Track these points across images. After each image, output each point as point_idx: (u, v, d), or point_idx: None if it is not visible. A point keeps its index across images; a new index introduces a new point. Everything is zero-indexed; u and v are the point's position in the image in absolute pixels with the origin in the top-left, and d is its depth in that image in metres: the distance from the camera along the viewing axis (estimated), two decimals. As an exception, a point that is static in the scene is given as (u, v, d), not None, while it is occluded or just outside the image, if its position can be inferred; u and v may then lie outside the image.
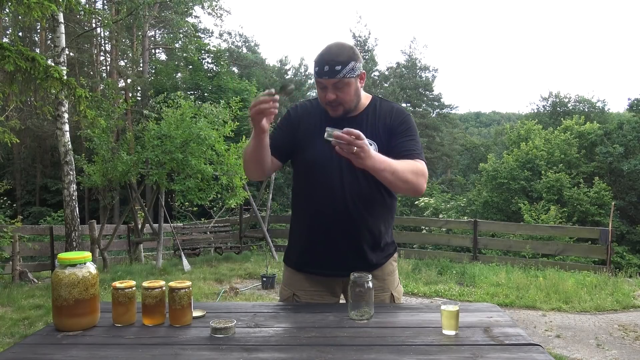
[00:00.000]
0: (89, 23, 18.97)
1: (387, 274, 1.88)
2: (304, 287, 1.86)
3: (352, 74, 1.67)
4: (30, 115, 17.94)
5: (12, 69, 5.29)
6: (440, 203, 19.65)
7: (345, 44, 1.70)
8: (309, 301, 1.84)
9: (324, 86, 1.68)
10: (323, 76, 1.66)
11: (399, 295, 1.92)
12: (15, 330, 4.81)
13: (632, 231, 17.11)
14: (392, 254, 1.91)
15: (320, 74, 1.66)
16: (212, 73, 22.73)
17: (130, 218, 10.63)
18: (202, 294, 6.43)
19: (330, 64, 1.64)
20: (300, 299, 1.86)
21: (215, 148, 8.56)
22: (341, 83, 1.66)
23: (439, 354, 1.29)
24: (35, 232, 10.24)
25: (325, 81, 1.67)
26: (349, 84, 1.68)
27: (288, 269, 1.94)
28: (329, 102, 1.70)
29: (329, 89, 1.68)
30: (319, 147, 1.73)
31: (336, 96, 1.68)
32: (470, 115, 61.82)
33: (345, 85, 1.67)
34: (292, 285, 1.88)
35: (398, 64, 34.04)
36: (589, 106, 26.91)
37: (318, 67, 1.67)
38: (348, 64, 1.65)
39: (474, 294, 6.77)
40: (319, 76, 1.68)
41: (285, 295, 1.90)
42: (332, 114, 1.74)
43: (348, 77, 1.66)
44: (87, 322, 1.48)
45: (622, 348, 4.57)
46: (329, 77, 1.65)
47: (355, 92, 1.72)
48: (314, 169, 1.79)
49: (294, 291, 1.87)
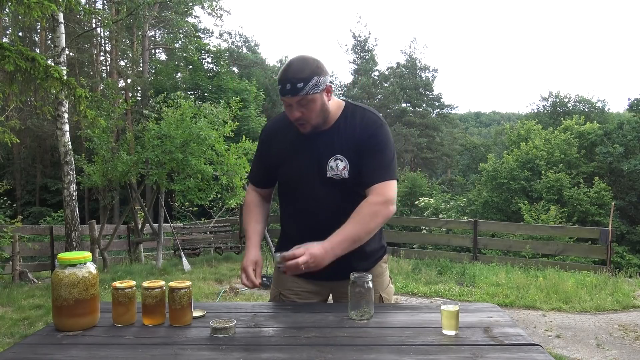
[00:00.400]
0: (89, 23, 18.98)
1: (375, 276, 1.87)
2: (290, 286, 1.87)
3: (316, 90, 1.61)
4: (30, 115, 17.95)
5: (12, 69, 5.29)
6: (440, 203, 19.66)
7: (308, 59, 1.65)
8: (295, 300, 1.85)
9: (289, 104, 1.65)
10: (286, 94, 1.62)
11: (388, 297, 1.92)
12: (15, 330, 4.81)
13: (632, 231, 17.11)
14: (380, 257, 1.91)
15: (283, 92, 1.63)
16: (212, 73, 22.73)
17: (130, 218, 10.63)
18: (202, 294, 6.43)
19: (292, 81, 1.60)
20: (287, 298, 1.87)
21: (215, 148, 8.56)
22: (305, 100, 1.62)
23: (439, 354, 1.29)
24: (35, 232, 10.25)
25: (288, 99, 1.63)
26: (314, 100, 1.63)
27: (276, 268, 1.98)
28: (295, 120, 1.68)
29: (293, 107, 1.64)
30: (294, 164, 1.76)
31: (301, 114, 1.64)
32: (470, 115, 61.87)
33: (310, 102, 1.62)
34: (279, 284, 1.90)
35: (398, 64, 34.09)
36: (589, 106, 26.92)
37: (280, 85, 1.63)
38: (310, 80, 1.60)
39: (474, 294, 6.77)
40: (282, 94, 1.64)
41: (273, 294, 1.93)
42: (302, 131, 1.71)
43: (312, 94, 1.61)
44: (87, 322, 1.48)
45: (622, 348, 4.57)
46: (292, 95, 1.61)
47: (321, 108, 1.66)
48: (289, 185, 1.82)
49: (280, 290, 1.89)
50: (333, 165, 1.71)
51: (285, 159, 1.79)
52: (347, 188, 1.71)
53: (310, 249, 1.55)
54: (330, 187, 1.72)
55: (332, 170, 1.71)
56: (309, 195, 1.76)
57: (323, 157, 1.71)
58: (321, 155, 1.72)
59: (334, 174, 1.71)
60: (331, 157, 1.71)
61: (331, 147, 1.71)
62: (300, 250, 1.52)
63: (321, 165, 1.71)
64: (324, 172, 1.71)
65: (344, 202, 1.71)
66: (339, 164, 1.71)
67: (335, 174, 1.71)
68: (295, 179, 1.78)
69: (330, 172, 1.71)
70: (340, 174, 1.71)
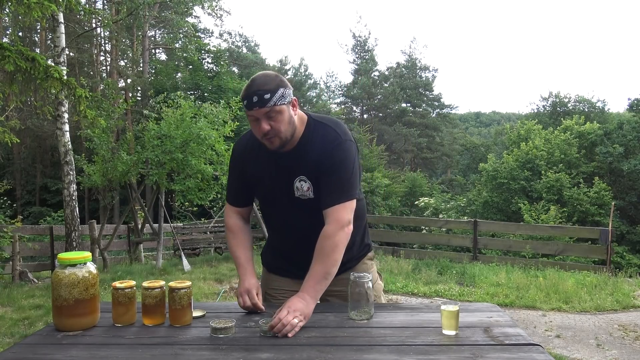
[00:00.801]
0: (89, 23, 18.97)
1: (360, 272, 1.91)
2: (275, 285, 1.92)
3: (283, 101, 1.61)
4: (30, 115, 17.94)
5: (12, 69, 5.29)
6: (440, 203, 19.66)
7: (270, 73, 1.67)
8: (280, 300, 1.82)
9: (257, 118, 1.62)
10: (253, 107, 1.60)
11: (376, 293, 1.92)
12: (15, 330, 4.81)
13: (632, 231, 17.10)
14: (363, 255, 1.94)
15: (250, 105, 1.61)
16: (212, 73, 22.73)
17: (130, 218, 10.63)
18: (202, 294, 6.43)
19: (258, 94, 1.59)
20: (273, 298, 1.90)
21: (215, 148, 8.56)
22: (273, 111, 1.60)
23: (439, 354, 1.29)
24: (35, 232, 10.25)
25: (256, 112, 1.61)
26: (282, 112, 1.62)
27: (263, 268, 2.04)
28: (264, 134, 1.64)
29: (261, 120, 1.62)
30: (266, 184, 1.80)
31: (270, 127, 1.62)
32: (470, 115, 61.87)
33: (278, 114, 1.61)
34: (265, 284, 1.96)
35: (398, 64, 34.10)
36: (589, 106, 26.92)
37: (247, 100, 1.61)
38: (277, 91, 1.60)
39: (474, 294, 6.77)
40: (248, 108, 1.62)
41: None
42: (270, 146, 1.68)
43: (279, 105, 1.60)
44: (87, 322, 1.48)
45: (622, 348, 4.57)
46: (260, 107, 1.59)
47: (289, 121, 1.66)
48: (265, 204, 1.90)
49: (266, 289, 1.93)
50: (298, 185, 1.73)
51: (259, 179, 1.82)
52: (316, 207, 1.71)
53: (292, 305, 1.53)
54: (300, 206, 1.75)
55: (298, 190, 1.74)
56: (282, 213, 1.83)
57: (290, 178, 1.74)
58: (288, 175, 1.74)
59: (300, 194, 1.74)
60: (296, 178, 1.73)
61: (296, 168, 1.73)
62: (283, 312, 1.49)
63: (289, 186, 1.74)
64: (292, 192, 1.74)
65: (313, 219, 1.71)
66: (303, 185, 1.73)
67: (301, 194, 1.74)
68: (269, 199, 1.84)
69: (297, 192, 1.74)
70: (306, 195, 1.73)
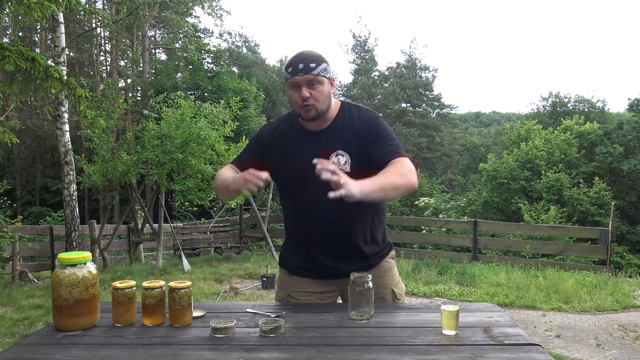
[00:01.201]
0: (89, 23, 18.96)
1: (384, 271, 1.90)
2: (298, 287, 1.89)
3: (325, 74, 1.71)
4: (30, 115, 17.93)
5: (12, 69, 5.29)
6: (440, 203, 19.65)
7: (314, 50, 1.77)
8: (303, 302, 1.85)
9: (298, 85, 1.70)
10: (298, 73, 1.68)
11: (400, 292, 1.94)
12: (15, 330, 4.81)
13: (632, 231, 17.10)
14: (386, 253, 1.94)
15: (295, 71, 1.69)
16: (212, 73, 22.71)
17: (130, 218, 10.63)
18: (202, 294, 6.43)
19: (305, 62, 1.69)
20: (296, 300, 1.88)
21: (215, 148, 8.56)
22: (315, 80, 1.69)
23: (439, 354, 1.29)
24: (35, 232, 10.24)
25: (300, 78, 1.68)
26: (322, 83, 1.71)
27: (283, 271, 1.98)
28: (303, 101, 1.70)
29: (302, 87, 1.69)
30: (297, 164, 1.78)
31: (310, 95, 1.69)
32: (470, 115, 61.80)
33: (319, 84, 1.70)
34: (286, 287, 1.92)
35: (398, 64, 34.04)
36: (589, 106, 26.90)
37: (292, 67, 1.70)
38: (321, 64, 1.70)
39: (474, 294, 6.77)
40: (292, 74, 1.69)
41: (280, 297, 1.93)
42: (305, 116, 1.73)
43: (321, 76, 1.70)
44: (87, 322, 1.48)
45: (622, 348, 4.57)
46: (304, 74, 1.68)
47: (327, 94, 1.73)
48: (294, 186, 1.84)
49: (288, 292, 1.90)
50: (335, 160, 1.75)
51: (286, 162, 1.81)
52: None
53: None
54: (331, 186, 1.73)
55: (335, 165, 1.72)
56: (315, 193, 1.75)
57: (325, 154, 1.74)
58: (323, 151, 1.74)
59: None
60: (332, 153, 1.75)
61: (332, 143, 1.76)
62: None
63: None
64: None
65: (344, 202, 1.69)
66: (340, 159, 1.75)
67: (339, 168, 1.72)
68: (300, 180, 1.79)
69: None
70: (343, 168, 1.73)
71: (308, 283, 1.87)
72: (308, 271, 1.87)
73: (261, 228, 10.31)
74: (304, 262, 1.88)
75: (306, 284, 1.87)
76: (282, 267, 1.99)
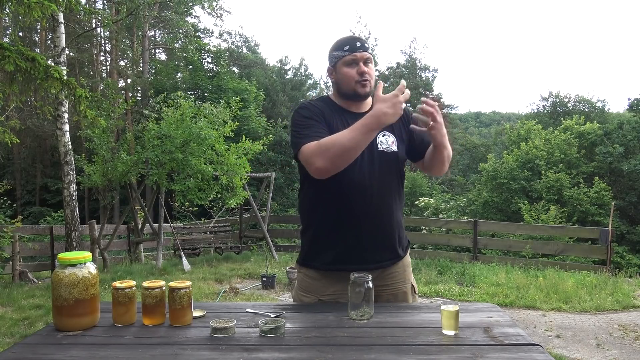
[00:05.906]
0: (89, 23, 18.96)
1: (406, 265, 1.91)
2: (332, 289, 1.77)
3: (372, 56, 1.80)
4: (30, 115, 17.92)
5: (12, 69, 5.29)
6: (440, 203, 19.63)
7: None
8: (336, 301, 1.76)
9: (357, 61, 1.75)
10: (358, 50, 1.75)
11: (416, 286, 1.96)
12: (15, 330, 4.81)
13: (632, 231, 17.10)
14: (408, 246, 1.96)
15: (354, 48, 1.75)
16: (212, 73, 22.70)
17: (130, 218, 10.63)
18: (202, 294, 6.43)
19: (361, 41, 1.78)
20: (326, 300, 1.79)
21: (215, 148, 8.56)
22: (370, 60, 1.77)
23: (439, 354, 1.29)
24: (35, 232, 10.24)
25: (360, 54, 1.75)
26: (372, 63, 1.80)
27: (309, 274, 1.82)
28: (361, 76, 1.75)
29: (361, 62, 1.75)
30: None
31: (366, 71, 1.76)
32: (470, 115, 61.74)
33: (370, 64, 1.78)
34: (317, 290, 1.79)
35: (398, 64, 34.04)
36: (589, 106, 26.89)
37: (349, 44, 1.76)
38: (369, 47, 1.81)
39: (474, 294, 6.77)
40: (352, 50, 1.75)
41: (307, 302, 1.81)
42: (362, 91, 1.77)
43: (372, 57, 1.79)
44: (87, 322, 1.48)
45: (622, 348, 4.57)
46: (364, 51, 1.75)
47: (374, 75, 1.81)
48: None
49: (318, 297, 1.78)
50: (382, 140, 1.78)
51: None
52: (396, 162, 1.80)
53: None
54: (381, 161, 1.77)
55: (382, 144, 1.78)
56: (360, 172, 1.72)
57: None
58: None
59: (385, 148, 1.78)
60: (379, 133, 1.75)
61: None
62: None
63: (372, 141, 1.66)
64: (375, 146, 1.76)
65: (391, 176, 1.78)
66: (387, 138, 1.79)
67: (386, 147, 1.78)
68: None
69: (381, 145, 1.77)
70: (391, 147, 1.78)
71: (344, 281, 1.62)
72: (344, 264, 1.73)
73: (261, 228, 10.31)
74: (338, 256, 1.75)
75: (342, 282, 1.64)
76: (308, 267, 1.82)
